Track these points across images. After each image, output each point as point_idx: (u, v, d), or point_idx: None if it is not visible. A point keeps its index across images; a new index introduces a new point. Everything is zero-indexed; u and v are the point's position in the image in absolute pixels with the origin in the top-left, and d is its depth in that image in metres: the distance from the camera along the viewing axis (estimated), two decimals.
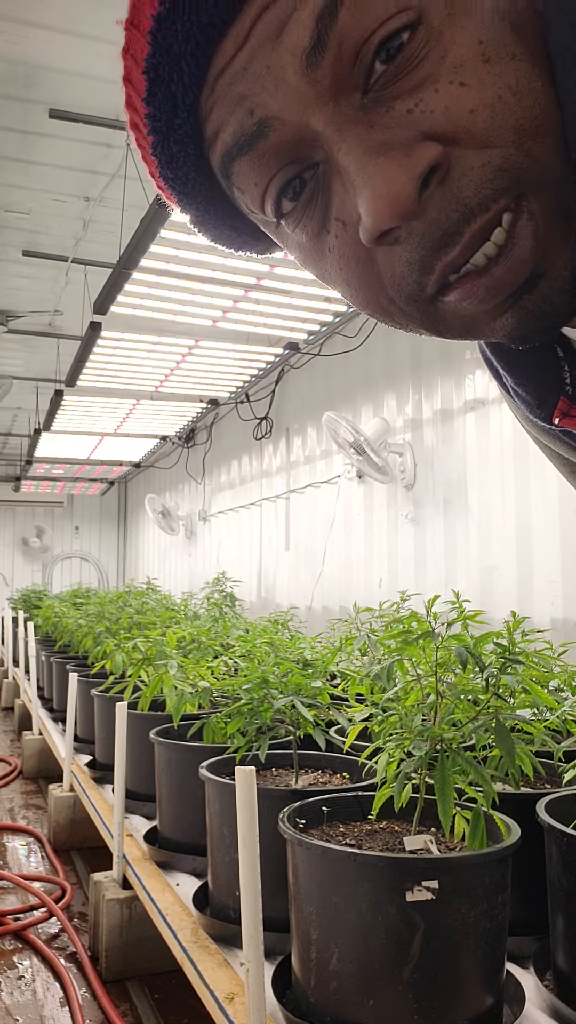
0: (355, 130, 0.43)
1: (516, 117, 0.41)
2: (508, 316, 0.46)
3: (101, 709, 3.10)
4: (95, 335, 4.35)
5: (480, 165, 0.42)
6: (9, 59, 3.32)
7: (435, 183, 0.42)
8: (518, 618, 1.39)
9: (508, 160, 0.42)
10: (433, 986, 1.19)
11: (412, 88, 0.42)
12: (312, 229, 0.49)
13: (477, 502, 3.64)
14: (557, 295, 0.45)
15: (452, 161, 0.42)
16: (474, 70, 0.41)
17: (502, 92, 0.41)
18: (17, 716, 5.72)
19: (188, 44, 0.44)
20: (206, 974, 1.56)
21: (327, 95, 0.43)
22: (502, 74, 0.41)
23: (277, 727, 1.92)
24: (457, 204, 0.42)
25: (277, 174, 0.47)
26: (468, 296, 0.45)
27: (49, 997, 2.12)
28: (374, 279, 0.48)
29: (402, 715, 1.33)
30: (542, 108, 0.42)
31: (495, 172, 0.42)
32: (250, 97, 0.45)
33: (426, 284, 0.45)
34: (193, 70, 0.45)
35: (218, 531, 7.40)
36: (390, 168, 0.42)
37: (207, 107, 0.47)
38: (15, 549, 12.18)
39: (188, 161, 0.50)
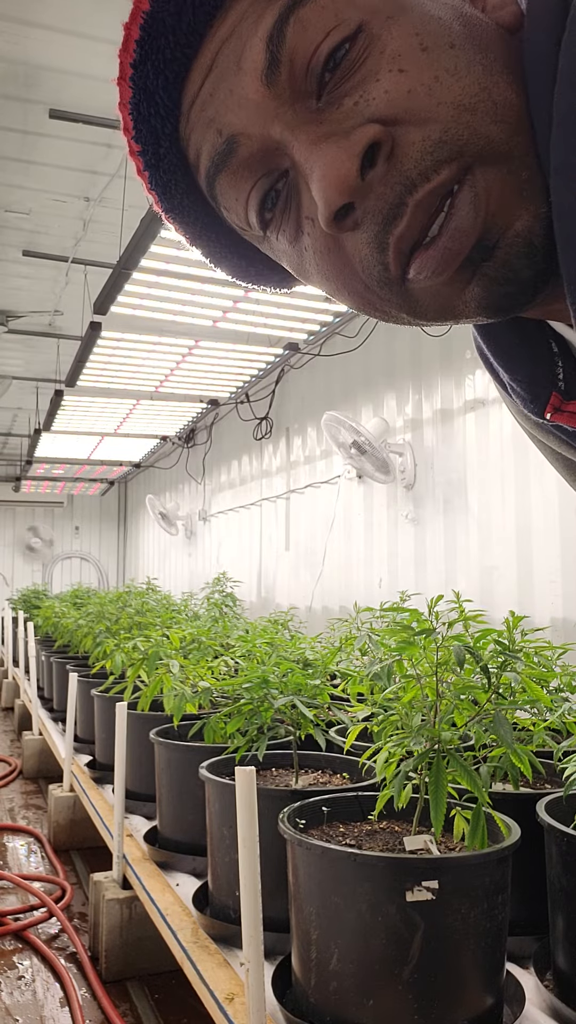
0: (305, 128, 0.47)
1: (454, 94, 0.43)
2: (474, 287, 0.47)
3: (101, 709, 3.09)
4: (95, 335, 4.35)
5: (420, 139, 0.44)
6: (9, 59, 3.32)
7: (381, 161, 0.45)
8: (517, 617, 1.39)
9: (447, 133, 0.43)
10: (433, 986, 1.19)
11: (357, 84, 0.45)
12: (290, 233, 0.52)
13: (477, 502, 3.64)
14: (515, 260, 0.46)
15: (396, 139, 0.45)
16: (412, 58, 0.44)
17: (439, 73, 0.44)
18: (17, 716, 5.72)
19: (159, 79, 0.50)
20: (206, 974, 1.56)
21: (285, 106, 0.47)
22: (440, 59, 0.44)
23: (277, 727, 1.92)
24: (400, 177, 0.45)
25: (254, 187, 0.51)
26: (423, 269, 0.46)
27: (49, 997, 2.12)
28: (347, 267, 0.49)
29: (402, 715, 1.33)
30: (483, 88, 0.44)
31: (434, 145, 0.44)
32: (217, 119, 0.49)
33: (387, 262, 0.47)
34: (167, 102, 0.50)
35: (218, 531, 7.40)
36: (330, 150, 0.45)
37: (186, 135, 0.52)
38: (15, 549, 12.18)
39: (180, 189, 0.54)
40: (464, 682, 1.34)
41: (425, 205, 0.45)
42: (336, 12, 0.45)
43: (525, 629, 1.45)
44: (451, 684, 1.33)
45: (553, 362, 0.56)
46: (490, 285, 0.47)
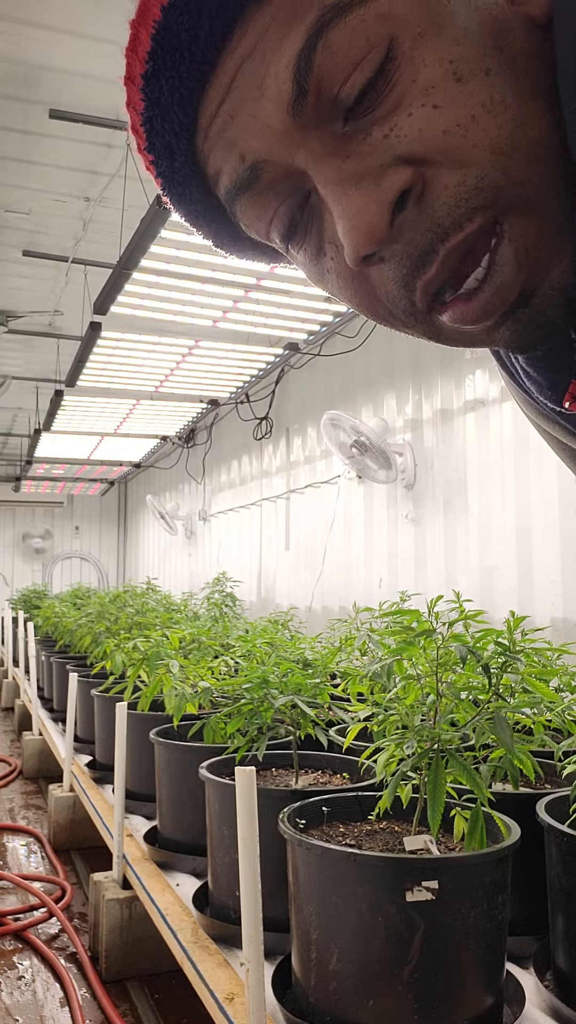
0: (332, 161, 0.45)
1: (491, 136, 0.41)
2: (504, 329, 0.47)
3: (101, 709, 3.09)
4: (95, 335, 4.35)
5: (455, 185, 0.42)
6: (9, 59, 3.32)
7: (411, 203, 0.43)
8: (517, 617, 1.39)
9: (483, 179, 0.42)
10: (433, 986, 1.19)
11: (387, 113, 0.43)
12: (311, 252, 0.51)
13: (477, 502, 3.64)
14: (551, 309, 0.46)
15: (428, 181, 0.43)
16: (445, 91, 0.41)
17: (475, 111, 0.41)
18: (17, 716, 5.72)
19: (174, 96, 0.48)
20: (206, 974, 1.56)
21: (310, 133, 0.45)
22: (475, 92, 0.41)
23: (277, 727, 1.92)
24: (431, 224, 0.43)
25: (278, 210, 0.50)
26: (460, 319, 0.46)
27: (49, 997, 2.12)
28: (371, 295, 0.49)
29: (402, 715, 1.33)
30: (519, 124, 0.41)
31: (469, 191, 0.42)
32: (240, 143, 0.47)
33: (414, 300, 0.47)
34: (182, 119, 0.49)
35: (218, 531, 7.40)
36: (360, 198, 0.43)
37: (204, 151, 0.50)
38: (15, 549, 12.18)
39: (193, 198, 0.53)
40: (464, 682, 1.34)
41: (456, 253, 0.44)
42: (367, 35, 0.42)
43: (525, 629, 1.45)
44: (451, 684, 1.33)
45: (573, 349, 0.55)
46: (522, 329, 0.47)
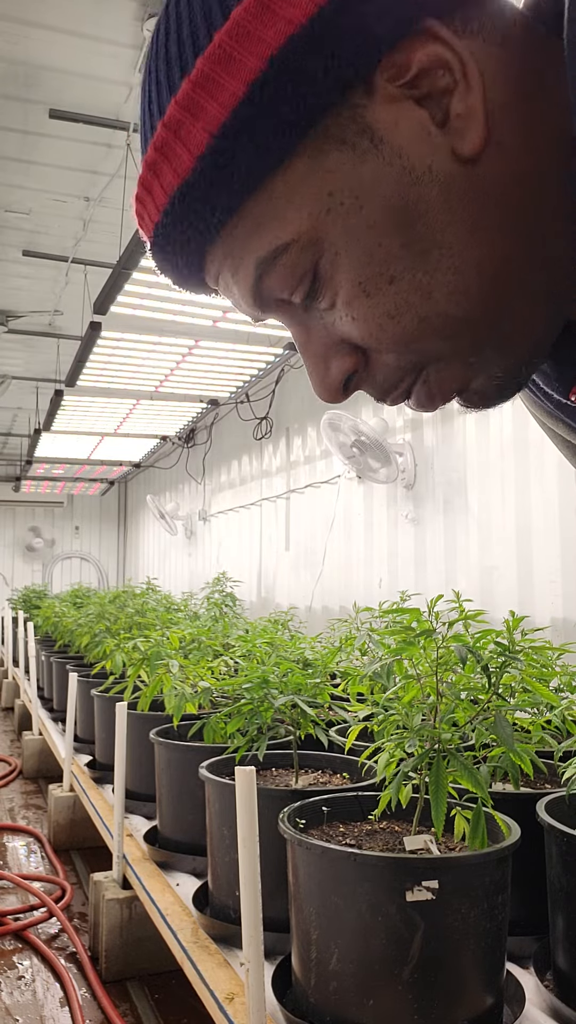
0: (296, 328, 0.57)
1: (398, 334, 0.52)
2: (463, 400, 0.58)
3: (101, 709, 3.09)
4: (95, 335, 4.35)
5: (383, 364, 0.54)
6: (9, 59, 3.32)
7: (360, 369, 0.56)
8: (517, 617, 1.39)
9: (402, 359, 0.54)
10: (433, 986, 1.19)
11: (326, 310, 0.54)
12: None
13: (477, 502, 3.64)
14: (484, 396, 0.57)
15: (367, 356, 0.55)
16: (359, 305, 0.51)
17: (382, 321, 0.51)
18: (17, 716, 5.72)
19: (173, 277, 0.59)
20: (206, 974, 1.56)
21: (279, 311, 0.57)
22: (381, 304, 0.51)
23: (277, 727, 1.92)
24: (376, 384, 0.56)
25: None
26: (416, 406, 0.58)
27: (49, 997, 2.12)
28: None
29: (402, 714, 1.33)
30: (423, 317, 0.51)
31: (395, 368, 0.54)
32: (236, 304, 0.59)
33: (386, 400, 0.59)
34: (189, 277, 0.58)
35: (218, 531, 7.40)
36: (321, 376, 0.56)
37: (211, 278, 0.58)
38: (15, 549, 12.18)
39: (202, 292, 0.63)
40: (464, 682, 1.34)
41: (399, 398, 0.57)
42: (292, 271, 0.52)
43: (525, 629, 1.45)
44: (451, 684, 1.33)
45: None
46: (472, 399, 0.57)
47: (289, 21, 0.43)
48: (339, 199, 0.48)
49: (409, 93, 0.47)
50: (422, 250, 0.49)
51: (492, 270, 0.50)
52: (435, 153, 0.48)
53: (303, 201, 0.49)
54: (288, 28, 0.43)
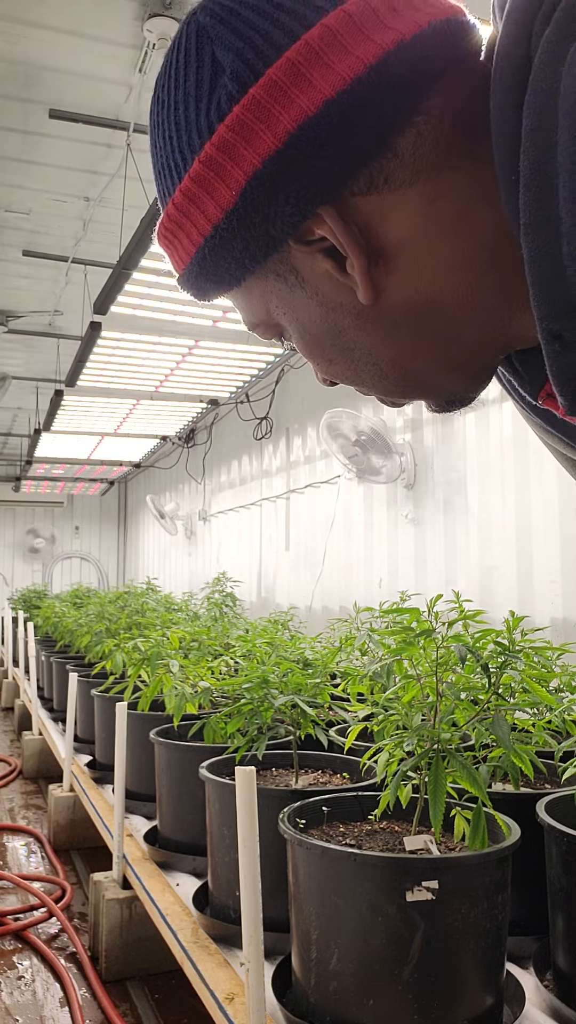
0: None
1: (343, 383, 0.67)
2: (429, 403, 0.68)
3: (101, 709, 3.09)
4: (95, 335, 4.35)
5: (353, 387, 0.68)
6: (9, 59, 3.32)
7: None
8: (517, 617, 1.39)
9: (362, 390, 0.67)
10: (433, 986, 1.19)
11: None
12: None
13: (477, 502, 3.64)
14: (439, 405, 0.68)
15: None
16: (313, 365, 0.66)
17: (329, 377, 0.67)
18: (17, 716, 5.72)
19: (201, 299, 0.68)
20: (206, 974, 1.56)
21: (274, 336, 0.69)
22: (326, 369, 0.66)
23: (277, 727, 1.92)
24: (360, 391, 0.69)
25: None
26: None
27: (49, 997, 2.12)
28: None
29: (402, 714, 1.33)
30: (356, 382, 0.65)
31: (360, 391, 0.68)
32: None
33: None
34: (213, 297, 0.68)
35: (218, 531, 7.40)
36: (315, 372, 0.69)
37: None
38: (15, 549, 12.18)
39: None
40: (464, 681, 1.34)
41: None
42: (267, 335, 0.66)
43: (525, 629, 1.45)
44: (451, 684, 1.33)
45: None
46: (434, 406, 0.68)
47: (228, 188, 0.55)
48: (282, 311, 0.62)
49: (318, 247, 0.57)
50: (347, 348, 0.62)
51: (405, 363, 0.61)
52: (343, 294, 0.58)
53: (260, 304, 0.63)
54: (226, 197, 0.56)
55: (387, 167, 0.54)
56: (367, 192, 0.55)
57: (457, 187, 0.55)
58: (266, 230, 0.56)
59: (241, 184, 0.54)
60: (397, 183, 0.55)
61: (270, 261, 0.59)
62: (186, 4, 2.97)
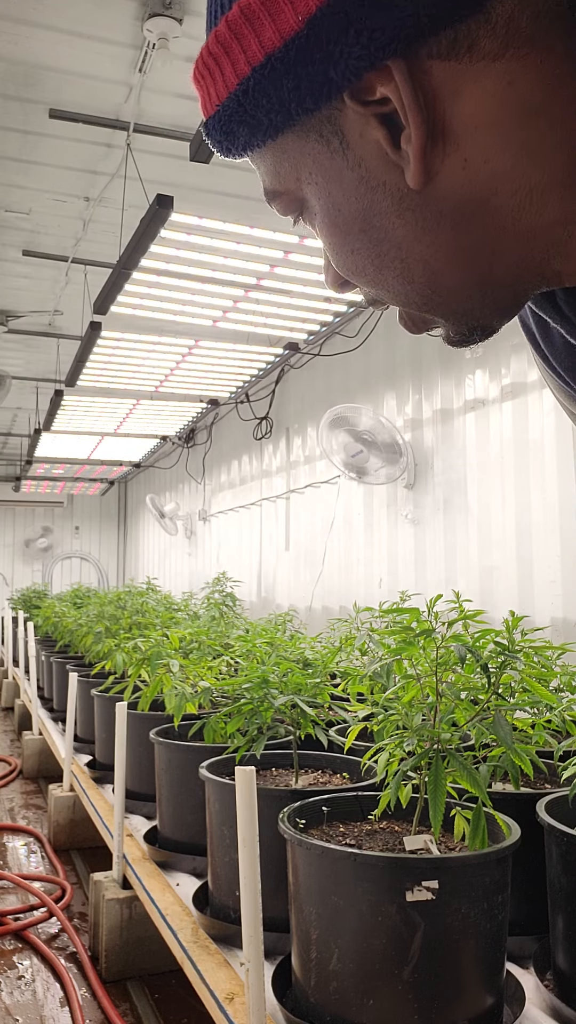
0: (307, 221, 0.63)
1: (360, 282, 0.59)
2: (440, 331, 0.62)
3: (101, 709, 3.09)
4: (95, 335, 4.35)
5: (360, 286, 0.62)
6: (9, 59, 3.32)
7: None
8: (516, 617, 1.39)
9: (368, 293, 0.61)
10: (433, 986, 1.19)
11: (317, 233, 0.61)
12: None
13: (477, 502, 3.64)
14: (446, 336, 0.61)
15: None
16: (331, 253, 0.59)
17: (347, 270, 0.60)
18: (17, 716, 5.72)
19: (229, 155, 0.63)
20: (206, 974, 1.56)
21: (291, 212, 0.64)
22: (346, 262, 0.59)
23: (277, 727, 1.92)
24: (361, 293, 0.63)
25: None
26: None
27: (49, 997, 2.12)
28: None
29: (402, 714, 1.33)
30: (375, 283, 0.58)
31: (369, 295, 0.61)
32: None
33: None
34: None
35: (218, 531, 7.40)
36: (326, 275, 0.64)
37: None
38: (15, 549, 12.18)
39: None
40: (464, 681, 1.34)
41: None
42: (286, 209, 0.61)
43: (525, 629, 1.45)
44: (451, 684, 1.33)
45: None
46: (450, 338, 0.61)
47: (296, 12, 0.49)
48: (314, 180, 0.56)
49: (374, 111, 0.51)
50: (376, 239, 0.55)
51: (437, 269, 0.55)
52: (389, 172, 0.52)
53: (290, 169, 0.57)
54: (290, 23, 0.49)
55: (475, 33, 0.47)
56: (446, 57, 0.48)
57: (544, 76, 0.48)
58: (325, 71, 0.49)
59: (312, 10, 0.48)
60: (480, 54, 0.48)
61: (317, 115, 0.52)
62: (186, 4, 2.97)
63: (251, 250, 3.37)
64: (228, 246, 3.34)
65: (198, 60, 0.56)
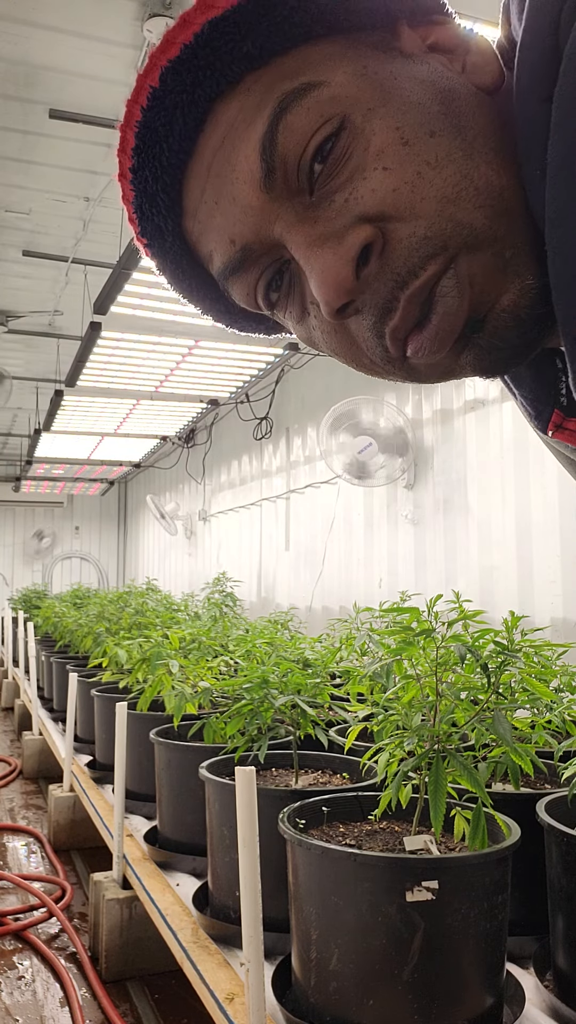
0: (302, 228, 0.50)
1: (436, 187, 0.46)
2: (467, 355, 0.51)
3: (101, 709, 3.09)
4: (95, 335, 4.35)
5: (407, 236, 0.47)
6: (9, 59, 3.32)
7: (375, 258, 0.48)
8: (516, 617, 1.39)
9: (432, 228, 0.47)
10: (433, 986, 1.19)
11: (346, 180, 0.48)
12: (296, 314, 0.56)
13: (477, 502, 3.64)
14: (504, 331, 0.49)
15: (387, 236, 0.48)
16: (394, 154, 0.47)
17: (420, 168, 0.46)
18: (17, 716, 5.72)
19: (158, 184, 0.54)
20: (206, 974, 1.56)
21: (284, 205, 0.51)
22: (420, 152, 0.47)
23: (277, 727, 1.92)
24: (392, 275, 0.48)
25: (260, 278, 0.55)
26: (419, 350, 0.50)
27: (49, 997, 2.12)
28: (353, 346, 0.54)
29: (402, 714, 1.33)
30: (464, 175, 0.47)
31: (420, 241, 0.47)
32: (227, 228, 0.53)
33: (387, 347, 0.51)
34: (167, 203, 0.56)
35: (218, 531, 7.40)
36: (326, 255, 0.48)
37: (194, 233, 0.56)
38: (15, 549, 12.18)
39: (187, 273, 0.59)
40: (464, 681, 1.34)
41: (416, 299, 0.48)
42: (320, 112, 0.48)
43: (525, 629, 1.45)
44: (451, 684, 1.33)
45: (557, 378, 0.57)
46: (481, 353, 0.50)
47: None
48: (373, 71, 0.49)
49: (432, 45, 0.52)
50: (457, 125, 0.48)
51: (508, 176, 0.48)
52: (456, 78, 0.50)
53: (338, 66, 0.49)
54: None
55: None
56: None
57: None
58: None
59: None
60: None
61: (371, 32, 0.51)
62: (186, 4, 2.97)
63: None
64: None
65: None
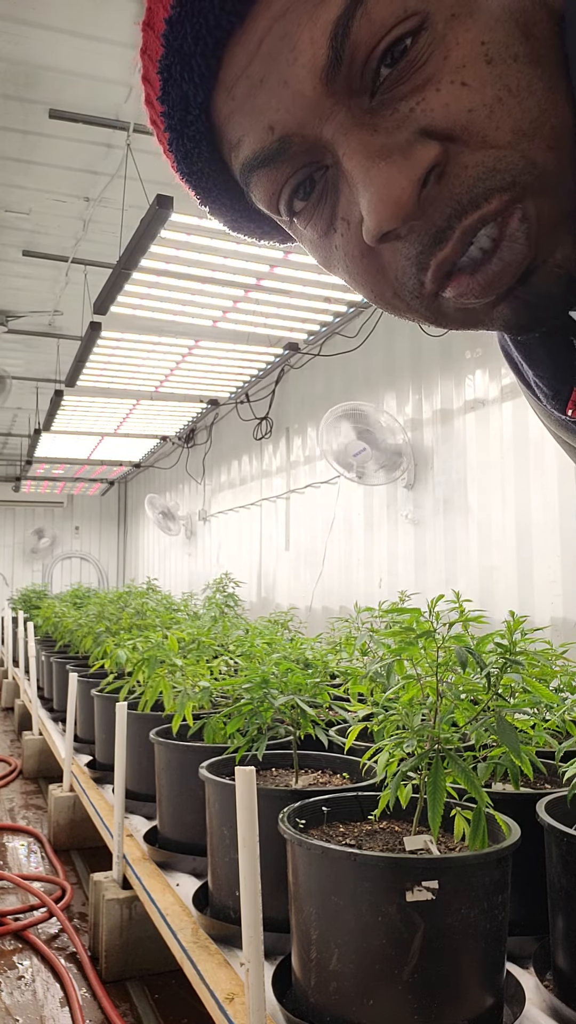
0: (359, 134, 0.45)
1: (515, 119, 0.42)
2: (504, 307, 0.47)
3: (101, 709, 3.09)
4: (95, 335, 4.35)
5: (474, 164, 0.43)
6: (9, 59, 3.32)
7: (433, 180, 0.44)
8: (517, 618, 1.39)
9: (502, 161, 0.43)
10: (433, 986, 1.19)
11: (416, 88, 0.43)
12: (321, 227, 0.51)
13: (477, 502, 3.64)
14: (552, 287, 0.46)
15: (449, 158, 0.43)
16: (475, 70, 0.42)
17: (501, 93, 0.42)
18: (17, 716, 5.72)
19: (198, 45, 0.46)
20: (206, 974, 1.56)
21: (340, 104, 0.45)
22: (503, 75, 0.42)
23: (277, 727, 1.92)
24: (450, 201, 0.44)
25: (290, 179, 0.49)
26: (464, 293, 0.46)
27: (49, 997, 2.12)
28: (379, 275, 0.49)
29: (402, 715, 1.33)
30: (543, 111, 0.43)
31: (488, 172, 0.43)
32: (269, 112, 0.46)
33: (424, 280, 0.47)
34: (203, 70, 0.47)
35: (218, 531, 7.40)
36: (390, 172, 0.43)
37: (224, 112, 0.49)
38: (15, 549, 12.18)
39: (202, 157, 0.52)
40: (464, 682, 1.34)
41: (472, 231, 0.44)
42: (405, 7, 0.42)
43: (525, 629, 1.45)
44: (451, 684, 1.33)
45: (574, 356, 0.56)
46: (521, 307, 0.47)
47: None
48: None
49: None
50: (537, 53, 0.43)
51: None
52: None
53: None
54: None
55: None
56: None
57: None
58: None
59: None
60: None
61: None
62: None
63: (251, 250, 3.37)
64: (228, 246, 3.34)
65: None
